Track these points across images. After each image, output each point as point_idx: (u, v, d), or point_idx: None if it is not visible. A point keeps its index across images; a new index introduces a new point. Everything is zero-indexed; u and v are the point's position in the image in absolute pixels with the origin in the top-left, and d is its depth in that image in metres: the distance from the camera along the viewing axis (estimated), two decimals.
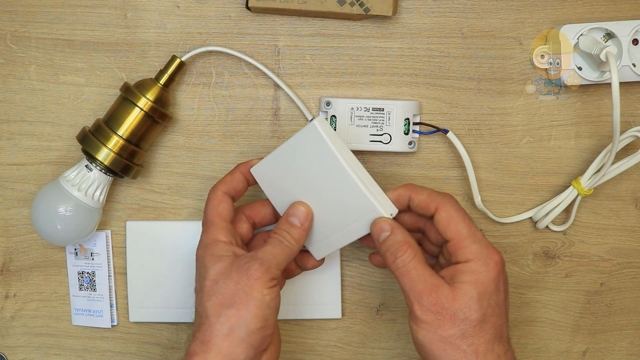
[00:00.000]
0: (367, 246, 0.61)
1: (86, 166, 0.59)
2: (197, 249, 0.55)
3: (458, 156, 0.62)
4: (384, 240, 0.53)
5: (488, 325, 0.50)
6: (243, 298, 0.50)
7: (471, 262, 0.51)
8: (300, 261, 0.59)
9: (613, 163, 0.61)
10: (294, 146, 0.54)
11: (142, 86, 0.59)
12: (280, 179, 0.56)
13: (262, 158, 0.57)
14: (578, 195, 0.62)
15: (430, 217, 0.54)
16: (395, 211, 0.54)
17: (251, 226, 0.59)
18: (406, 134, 0.61)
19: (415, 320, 0.51)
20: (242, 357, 0.50)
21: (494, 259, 0.52)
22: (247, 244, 0.59)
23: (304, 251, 0.59)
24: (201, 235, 0.56)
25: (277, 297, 0.52)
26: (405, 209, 0.55)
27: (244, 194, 0.58)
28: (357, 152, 0.63)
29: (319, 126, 0.52)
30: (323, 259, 0.59)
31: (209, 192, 0.57)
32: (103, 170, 0.59)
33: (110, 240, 0.64)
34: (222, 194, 0.56)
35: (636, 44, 0.60)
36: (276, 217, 0.59)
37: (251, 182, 0.58)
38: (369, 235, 0.54)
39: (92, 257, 0.64)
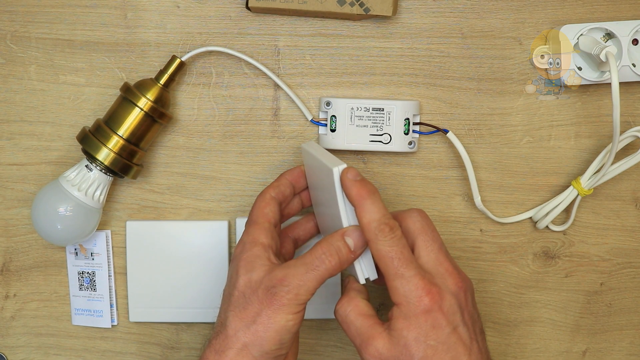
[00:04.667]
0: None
1: (86, 166, 0.59)
2: (235, 248, 0.54)
3: (458, 156, 0.62)
4: None
5: None
6: (265, 320, 0.50)
7: (400, 305, 0.49)
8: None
9: (613, 163, 0.61)
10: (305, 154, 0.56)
11: (142, 86, 0.59)
12: (310, 178, 0.57)
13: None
14: (578, 195, 0.62)
15: None
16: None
17: (294, 244, 0.59)
18: (406, 134, 0.61)
19: None
20: None
21: (423, 302, 0.49)
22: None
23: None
24: (242, 235, 0.55)
25: (300, 321, 0.51)
26: None
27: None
28: (357, 152, 0.64)
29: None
30: None
31: (258, 196, 0.56)
32: (103, 170, 0.59)
33: (110, 240, 0.64)
34: (270, 197, 0.56)
35: (636, 44, 0.60)
36: (319, 230, 0.60)
37: (297, 189, 0.58)
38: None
39: (92, 257, 0.64)
